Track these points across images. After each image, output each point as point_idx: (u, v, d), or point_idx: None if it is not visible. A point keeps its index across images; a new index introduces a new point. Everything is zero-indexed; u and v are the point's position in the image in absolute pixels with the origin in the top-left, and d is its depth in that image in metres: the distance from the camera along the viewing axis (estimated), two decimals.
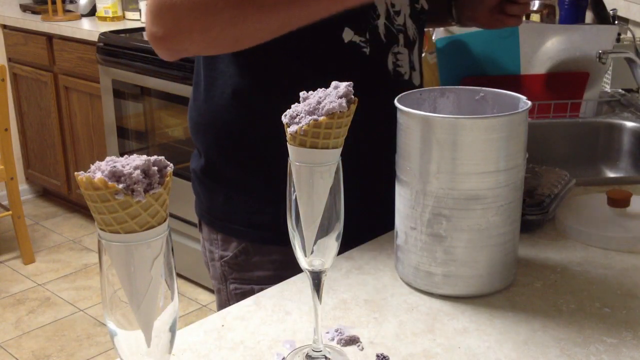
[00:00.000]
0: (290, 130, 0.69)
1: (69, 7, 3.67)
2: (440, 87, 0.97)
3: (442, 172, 0.85)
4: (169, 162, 0.55)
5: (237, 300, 1.11)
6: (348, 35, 1.02)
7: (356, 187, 0.92)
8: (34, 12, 3.65)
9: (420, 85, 1.17)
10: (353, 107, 0.70)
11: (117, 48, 3.03)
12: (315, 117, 0.68)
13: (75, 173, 0.53)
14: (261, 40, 0.91)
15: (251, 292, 1.11)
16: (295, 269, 1.08)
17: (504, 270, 0.90)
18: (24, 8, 3.74)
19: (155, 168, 0.54)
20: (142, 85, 2.97)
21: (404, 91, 0.92)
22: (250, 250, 1.12)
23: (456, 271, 0.88)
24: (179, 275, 2.97)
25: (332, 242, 0.74)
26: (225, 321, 0.86)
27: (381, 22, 1.05)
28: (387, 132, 0.97)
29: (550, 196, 1.08)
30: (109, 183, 0.51)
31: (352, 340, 0.81)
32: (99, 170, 0.53)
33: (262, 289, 1.08)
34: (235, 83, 1.06)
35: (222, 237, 1.15)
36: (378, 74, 1.06)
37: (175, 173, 0.71)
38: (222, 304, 1.18)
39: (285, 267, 1.08)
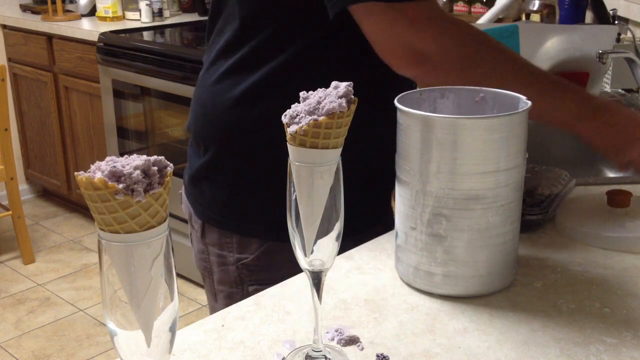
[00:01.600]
0: (290, 130, 0.69)
1: (69, 7, 3.67)
2: (440, 87, 0.97)
3: (442, 172, 0.85)
4: (169, 162, 0.55)
5: None
6: None
7: (356, 186, 0.92)
8: (34, 12, 3.65)
9: (415, 86, 1.18)
10: (353, 107, 0.70)
11: (117, 48, 3.03)
12: (315, 117, 0.68)
13: (75, 173, 0.53)
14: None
15: None
16: None
17: (504, 270, 0.90)
18: (24, 8, 3.74)
19: (155, 168, 0.54)
20: (142, 85, 2.97)
21: (405, 89, 0.93)
22: (273, 250, 1.11)
23: (456, 271, 0.88)
24: (179, 275, 2.97)
25: (332, 242, 0.74)
26: (225, 321, 0.86)
27: None
28: (390, 129, 0.98)
29: (550, 196, 1.08)
30: (109, 183, 0.51)
31: (352, 340, 0.81)
32: (99, 170, 0.53)
33: None
34: (253, 79, 1.06)
35: (238, 239, 1.13)
36: (385, 71, 1.06)
37: (175, 173, 0.72)
38: None
39: None
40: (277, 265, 1.11)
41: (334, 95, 0.69)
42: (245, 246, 1.12)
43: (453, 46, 0.98)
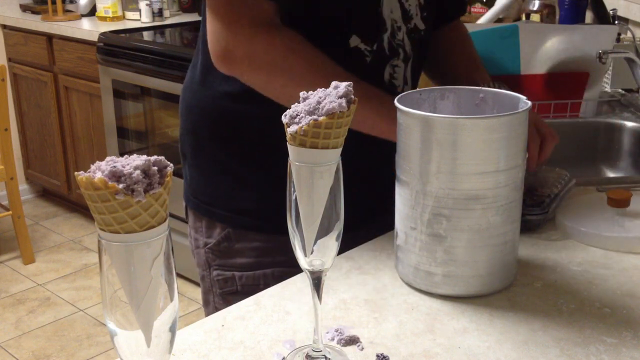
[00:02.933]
0: (290, 130, 0.69)
1: (69, 7, 3.67)
2: (440, 87, 0.97)
3: (442, 172, 0.85)
4: (169, 162, 0.55)
5: (220, 287, 1.16)
6: (354, 41, 1.05)
7: (356, 186, 0.92)
8: (34, 12, 3.65)
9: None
10: (353, 107, 0.70)
11: (117, 48, 3.03)
12: (315, 117, 0.68)
13: (76, 173, 0.53)
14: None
15: (232, 279, 1.15)
16: (275, 256, 1.10)
17: (504, 270, 0.90)
18: (24, 8, 3.74)
19: (155, 168, 0.54)
20: (142, 85, 2.97)
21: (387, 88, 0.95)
22: (233, 236, 1.14)
23: (456, 271, 0.88)
24: (179, 275, 2.97)
25: (332, 242, 0.74)
26: (225, 321, 0.86)
27: (387, 35, 1.08)
28: (379, 139, 1.00)
29: (550, 196, 1.08)
30: (109, 183, 0.51)
31: (352, 340, 0.81)
32: (99, 170, 0.53)
33: (242, 276, 1.13)
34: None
35: (206, 223, 1.16)
36: (374, 83, 1.07)
37: (175, 173, 0.73)
38: (206, 291, 1.20)
39: (265, 255, 1.10)
40: (237, 252, 1.14)
41: (333, 95, 0.69)
42: (212, 230, 1.16)
43: (262, 52, 0.99)
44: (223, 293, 1.16)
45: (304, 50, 1.00)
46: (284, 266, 1.11)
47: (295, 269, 1.08)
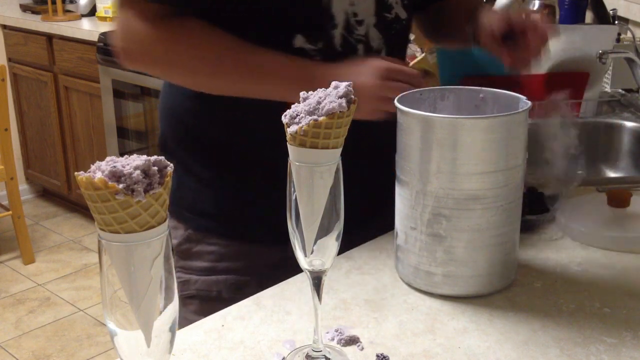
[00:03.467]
0: (290, 130, 0.69)
1: (69, 7, 3.67)
2: (440, 87, 0.97)
3: (442, 172, 0.85)
4: (169, 162, 0.55)
5: (180, 289, 1.14)
6: (299, 42, 1.01)
7: (356, 186, 0.92)
8: (34, 12, 3.65)
9: None
10: (353, 107, 0.70)
11: None
12: (315, 117, 0.68)
13: (76, 173, 0.53)
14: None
15: (188, 282, 1.14)
16: (231, 263, 1.10)
17: (504, 270, 0.90)
18: (24, 8, 3.74)
19: (155, 168, 0.54)
20: (142, 85, 2.97)
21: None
22: (193, 238, 1.13)
23: (456, 271, 0.88)
24: None
25: (332, 242, 0.74)
26: (225, 321, 0.86)
27: (338, 32, 1.02)
28: (379, 140, 0.99)
29: (550, 196, 1.08)
30: (109, 183, 0.51)
31: (352, 340, 0.81)
32: (99, 170, 0.53)
33: (197, 280, 1.12)
34: None
35: (173, 223, 1.15)
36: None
37: None
38: None
39: (221, 260, 1.11)
40: (195, 255, 1.13)
41: (333, 95, 0.69)
42: (176, 231, 1.15)
43: (152, 47, 1.01)
44: (182, 296, 1.14)
45: (188, 36, 1.00)
46: (239, 274, 1.10)
47: (249, 278, 1.08)
